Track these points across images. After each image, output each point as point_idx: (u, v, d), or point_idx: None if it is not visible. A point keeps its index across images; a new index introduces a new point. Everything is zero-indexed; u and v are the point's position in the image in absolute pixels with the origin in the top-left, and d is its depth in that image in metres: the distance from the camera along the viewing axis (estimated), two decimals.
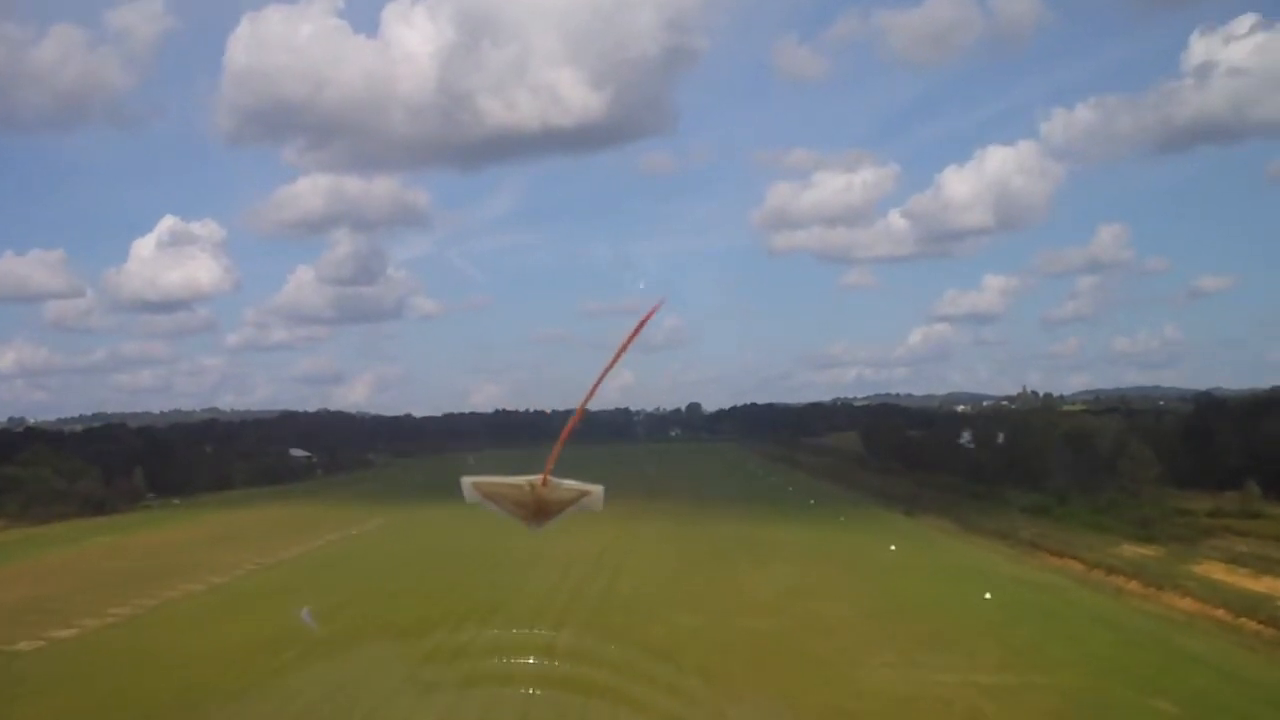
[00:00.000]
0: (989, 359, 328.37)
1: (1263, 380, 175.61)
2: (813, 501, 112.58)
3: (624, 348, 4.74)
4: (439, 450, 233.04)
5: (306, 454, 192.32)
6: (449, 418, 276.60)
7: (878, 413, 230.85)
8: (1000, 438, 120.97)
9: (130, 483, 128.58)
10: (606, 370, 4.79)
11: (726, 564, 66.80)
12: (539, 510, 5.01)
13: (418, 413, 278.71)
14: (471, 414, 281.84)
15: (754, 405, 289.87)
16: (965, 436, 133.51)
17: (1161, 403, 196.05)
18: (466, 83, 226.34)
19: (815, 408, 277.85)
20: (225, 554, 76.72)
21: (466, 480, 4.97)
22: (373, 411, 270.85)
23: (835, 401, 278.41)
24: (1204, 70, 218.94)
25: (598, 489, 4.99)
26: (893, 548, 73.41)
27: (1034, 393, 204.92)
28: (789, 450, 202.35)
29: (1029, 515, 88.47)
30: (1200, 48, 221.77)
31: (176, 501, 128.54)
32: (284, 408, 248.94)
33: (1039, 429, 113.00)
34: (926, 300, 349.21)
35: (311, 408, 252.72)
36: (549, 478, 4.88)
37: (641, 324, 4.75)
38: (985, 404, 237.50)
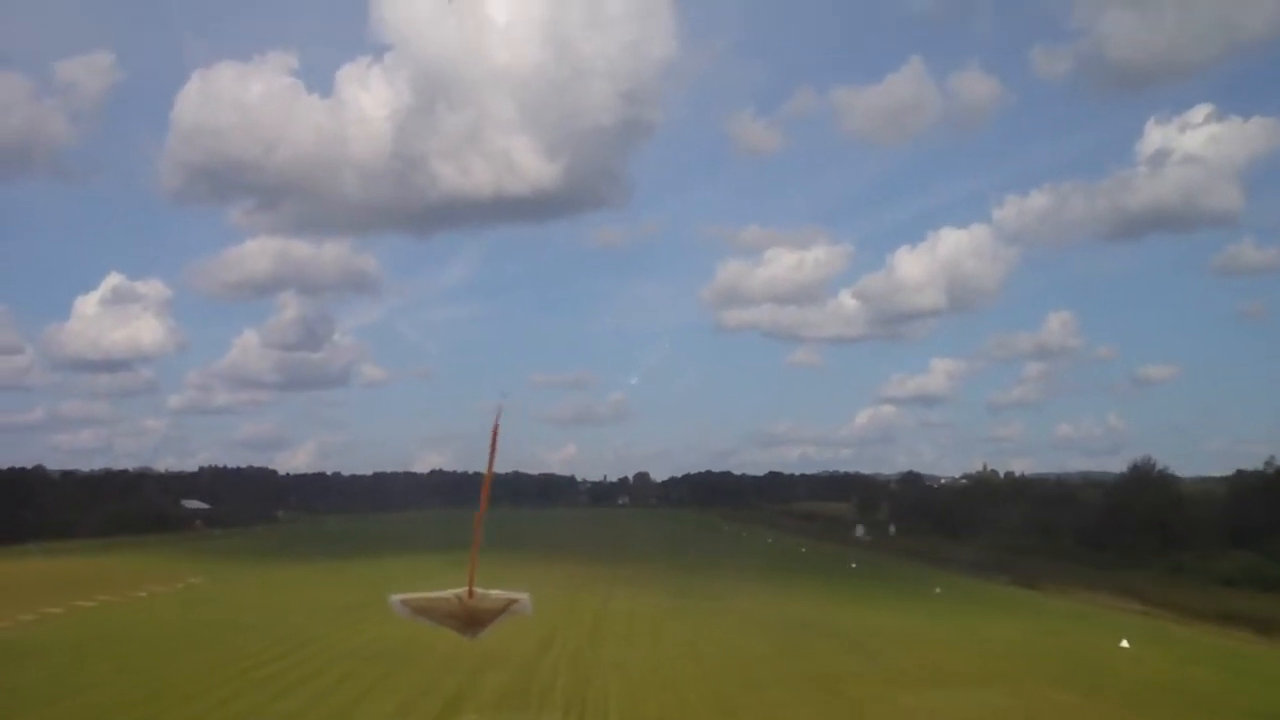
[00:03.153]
0: (933, 441, 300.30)
1: (1205, 469, 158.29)
2: (854, 565, 74.00)
3: (492, 455, 5.01)
4: (365, 510, 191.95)
5: (204, 505, 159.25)
6: (379, 477, 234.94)
7: (843, 484, 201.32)
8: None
9: None
10: (489, 480, 5.20)
11: (832, 688, 27.47)
12: (472, 620, 4.64)
13: (346, 471, 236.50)
14: (405, 473, 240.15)
15: (709, 474, 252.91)
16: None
17: None
18: (420, 146, 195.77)
19: (774, 477, 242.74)
20: None
21: (395, 598, 4.59)
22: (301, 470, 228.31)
23: (789, 475, 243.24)
24: (1158, 158, 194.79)
25: (524, 596, 4.79)
26: (1125, 644, 34.81)
27: (993, 471, 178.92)
28: (759, 516, 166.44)
29: (1230, 588, 51.95)
30: (1156, 135, 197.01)
31: None
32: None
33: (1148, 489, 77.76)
34: (873, 381, 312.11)
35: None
36: (474, 589, 4.49)
37: (495, 433, 4.95)
38: (942, 481, 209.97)
